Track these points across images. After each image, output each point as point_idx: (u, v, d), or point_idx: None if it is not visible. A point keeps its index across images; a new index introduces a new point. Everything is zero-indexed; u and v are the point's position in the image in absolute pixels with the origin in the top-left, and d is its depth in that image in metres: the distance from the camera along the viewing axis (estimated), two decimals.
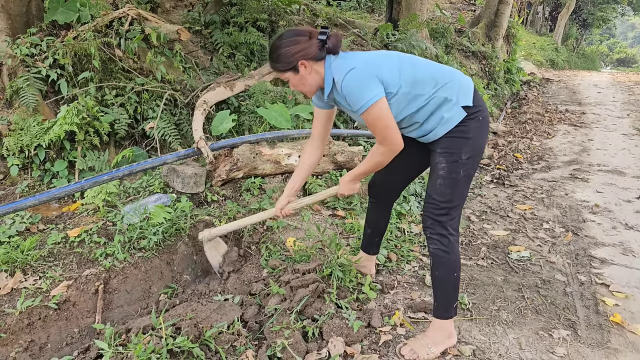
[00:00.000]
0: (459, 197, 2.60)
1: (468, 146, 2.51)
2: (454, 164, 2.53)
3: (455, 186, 2.55)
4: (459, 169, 2.53)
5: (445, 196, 2.57)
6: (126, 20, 5.04)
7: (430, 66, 2.57)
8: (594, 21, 30.95)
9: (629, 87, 15.33)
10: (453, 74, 2.56)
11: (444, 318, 2.68)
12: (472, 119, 2.50)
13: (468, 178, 2.59)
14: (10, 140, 4.17)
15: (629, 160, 7.14)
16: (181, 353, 2.49)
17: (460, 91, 2.50)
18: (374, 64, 2.45)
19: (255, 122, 5.20)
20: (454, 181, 2.55)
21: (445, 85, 2.48)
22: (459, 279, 2.66)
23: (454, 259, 2.62)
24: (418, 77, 2.47)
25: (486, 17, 13.05)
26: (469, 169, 2.56)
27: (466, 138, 2.50)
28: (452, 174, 2.54)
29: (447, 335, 2.70)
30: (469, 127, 2.50)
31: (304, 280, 3.09)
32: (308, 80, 2.56)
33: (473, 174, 2.62)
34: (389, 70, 2.44)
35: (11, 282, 2.99)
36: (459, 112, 2.48)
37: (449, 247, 2.61)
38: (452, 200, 2.58)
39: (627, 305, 3.33)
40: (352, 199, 4.66)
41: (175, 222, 3.67)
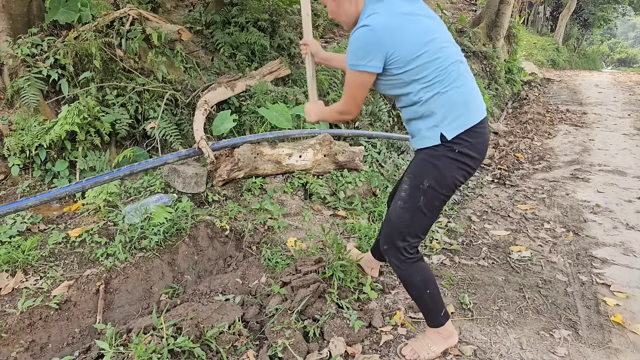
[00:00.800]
0: (420, 225, 2.45)
1: (432, 174, 2.33)
2: (415, 188, 2.38)
3: (414, 213, 2.40)
4: (419, 195, 2.37)
5: (403, 221, 2.44)
6: (127, 20, 5.04)
7: (451, 61, 2.29)
8: (595, 21, 30.90)
9: (630, 87, 15.31)
10: (464, 86, 2.32)
11: (437, 327, 2.68)
12: (446, 148, 2.29)
13: (430, 209, 2.40)
14: (11, 140, 4.17)
15: (630, 160, 7.14)
16: (182, 353, 2.49)
17: (452, 114, 2.27)
18: (394, 36, 2.17)
19: (256, 122, 5.20)
20: (413, 207, 2.39)
21: (444, 95, 2.26)
22: (434, 293, 2.58)
23: (420, 278, 2.53)
24: (429, 70, 2.22)
25: (487, 17, 13.04)
26: (432, 200, 2.37)
27: (433, 165, 2.32)
28: (413, 198, 2.39)
29: (446, 336, 2.70)
30: (438, 155, 2.31)
31: (304, 280, 3.09)
32: (345, 9, 2.40)
33: (438, 206, 2.41)
34: (405, 49, 2.19)
35: (12, 282, 2.99)
36: (436, 136, 2.29)
37: (409, 271, 2.53)
38: (411, 226, 2.43)
39: (628, 305, 3.32)
40: (353, 199, 4.66)
41: (176, 222, 3.67)
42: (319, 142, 4.73)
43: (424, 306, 2.66)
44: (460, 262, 3.92)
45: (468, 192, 5.83)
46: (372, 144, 5.81)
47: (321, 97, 5.74)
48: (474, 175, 2.44)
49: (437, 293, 2.61)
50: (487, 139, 2.40)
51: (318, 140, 4.74)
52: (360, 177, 4.90)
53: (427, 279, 2.55)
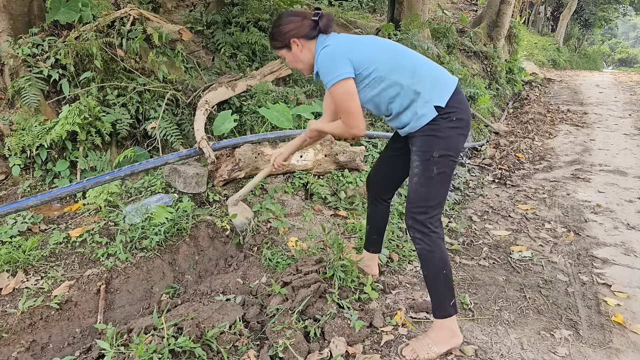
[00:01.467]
0: (436, 196, 2.62)
1: (439, 144, 2.54)
2: (427, 162, 2.57)
3: (429, 184, 2.59)
4: (431, 167, 2.56)
5: (422, 195, 2.61)
6: (128, 20, 5.04)
7: (414, 57, 2.64)
8: (595, 21, 30.92)
9: (630, 87, 15.31)
10: (433, 70, 2.61)
11: (443, 317, 2.67)
12: (444, 119, 2.54)
13: (443, 176, 2.60)
14: (12, 140, 4.17)
15: (631, 161, 7.14)
16: (183, 353, 2.50)
17: (435, 89, 2.54)
18: (350, 45, 2.57)
19: (257, 122, 5.20)
20: (428, 179, 2.58)
21: (422, 80, 2.54)
22: (449, 276, 2.66)
23: (439, 256, 2.63)
24: (398, 63, 2.56)
25: (488, 17, 13.04)
26: (443, 167, 2.57)
27: (437, 137, 2.54)
28: (426, 172, 2.57)
29: (449, 335, 2.68)
30: (440, 126, 2.54)
31: (305, 280, 3.09)
32: (300, 57, 2.73)
33: (449, 172, 2.62)
34: (362, 53, 2.55)
35: (13, 282, 2.99)
36: (430, 110, 2.53)
37: (432, 246, 2.62)
38: (429, 199, 2.60)
39: (629, 305, 3.32)
40: (354, 199, 4.66)
41: (177, 222, 3.67)
42: (319, 142, 4.73)
43: (437, 289, 2.67)
44: (461, 262, 3.92)
45: (469, 192, 5.83)
46: (372, 144, 5.81)
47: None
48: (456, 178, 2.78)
49: (451, 277, 2.68)
50: (466, 101, 2.68)
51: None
52: (361, 177, 4.90)
53: (446, 259, 2.65)
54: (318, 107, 5.50)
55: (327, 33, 2.67)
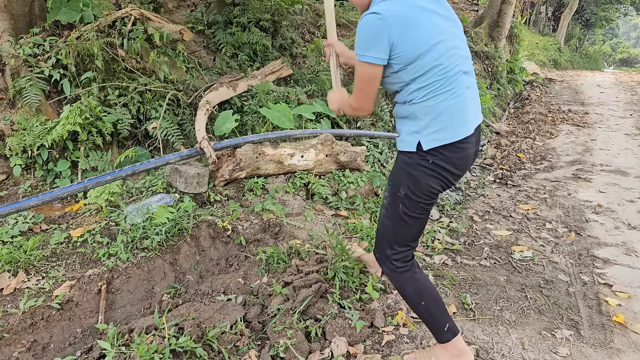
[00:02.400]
0: (404, 235, 2.38)
1: (407, 182, 2.27)
2: (394, 196, 2.33)
3: (397, 221, 2.35)
4: (398, 203, 2.31)
5: (388, 229, 2.40)
6: (129, 20, 5.04)
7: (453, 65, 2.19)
8: (596, 21, 30.88)
9: (631, 87, 15.29)
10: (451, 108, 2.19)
11: (442, 342, 2.54)
12: (420, 156, 2.23)
13: (411, 218, 2.33)
14: (13, 140, 4.17)
15: (632, 161, 7.13)
16: (184, 353, 2.50)
17: (429, 128, 2.19)
18: (402, 26, 2.07)
19: (258, 122, 5.20)
20: (394, 215, 2.34)
21: (429, 109, 2.18)
22: (431, 305, 2.45)
23: (412, 290, 2.45)
24: (431, 72, 2.14)
25: (489, 17, 13.03)
26: (411, 208, 2.30)
27: (407, 172, 2.27)
28: (393, 206, 2.34)
29: (455, 354, 2.53)
30: (412, 163, 2.25)
31: (306, 280, 3.09)
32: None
33: (419, 214, 2.33)
34: (407, 45, 2.09)
35: (14, 282, 2.99)
36: (412, 142, 2.24)
37: (399, 281, 2.46)
38: (396, 235, 2.38)
39: (630, 305, 3.32)
40: (355, 199, 4.66)
41: (178, 222, 3.67)
42: (320, 142, 4.73)
43: (422, 318, 2.53)
44: (462, 262, 3.92)
45: (470, 192, 5.83)
46: (374, 144, 5.81)
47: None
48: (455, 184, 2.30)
49: (435, 306, 2.46)
50: (469, 155, 2.29)
51: (320, 140, 4.74)
52: (362, 177, 4.90)
53: (421, 290, 2.45)
54: (319, 107, 5.50)
55: None
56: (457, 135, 2.20)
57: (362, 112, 2.33)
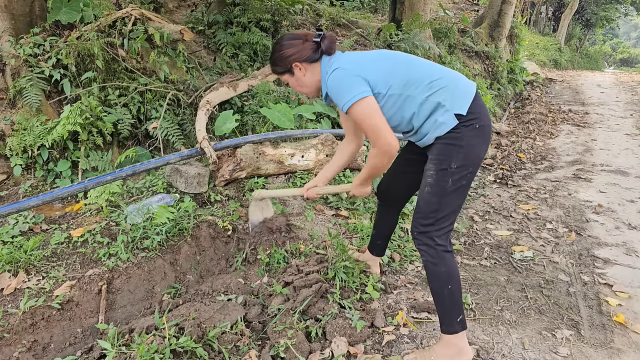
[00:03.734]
0: (448, 208, 2.47)
1: (459, 154, 2.40)
2: (443, 172, 2.43)
3: (442, 196, 2.44)
4: (447, 178, 2.42)
5: (432, 205, 2.47)
6: (129, 20, 5.05)
7: (428, 67, 2.50)
8: (597, 21, 30.88)
9: (632, 87, 15.29)
10: (450, 77, 2.46)
11: (449, 333, 2.54)
12: (466, 127, 2.39)
13: (459, 189, 2.45)
14: (13, 140, 4.17)
15: (632, 161, 7.13)
16: (184, 353, 2.50)
17: (455, 97, 2.40)
18: (361, 64, 2.45)
19: (259, 122, 5.20)
20: (441, 190, 2.44)
21: (440, 89, 2.40)
22: (456, 291, 2.51)
23: (445, 270, 2.49)
24: (412, 77, 2.42)
25: (489, 17, 13.03)
26: (460, 179, 2.43)
27: (458, 145, 2.40)
28: (440, 182, 2.43)
29: (455, 352, 2.55)
30: (462, 135, 2.39)
31: (307, 280, 3.09)
32: (304, 81, 2.65)
33: (466, 185, 2.48)
34: (376, 71, 2.43)
35: (14, 282, 2.99)
36: (451, 118, 2.39)
37: (436, 259, 2.49)
38: (439, 210, 2.46)
39: (631, 305, 3.32)
40: (355, 199, 4.66)
41: (179, 222, 3.67)
42: (321, 142, 4.73)
43: (441, 303, 2.54)
44: (462, 262, 3.92)
45: (470, 192, 5.83)
46: None
47: None
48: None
49: (459, 294, 2.52)
50: (485, 106, 2.52)
51: (320, 140, 4.74)
52: None
53: (452, 273, 2.50)
54: (319, 107, 5.50)
55: (331, 54, 2.56)
56: (471, 93, 2.45)
57: (391, 147, 2.41)
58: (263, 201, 3.69)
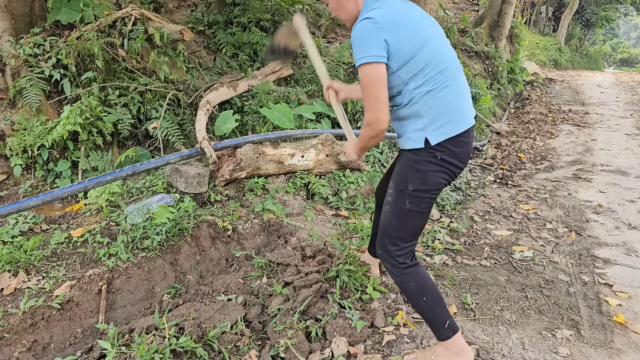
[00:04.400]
0: (407, 229, 2.41)
1: (417, 178, 2.31)
2: (401, 192, 2.36)
3: (400, 216, 2.38)
4: (404, 199, 2.35)
5: (392, 225, 2.42)
6: (129, 20, 5.05)
7: (449, 72, 2.29)
8: (597, 21, 30.87)
9: (632, 87, 15.28)
10: (452, 101, 2.28)
11: (442, 340, 2.54)
12: (428, 152, 2.28)
13: (418, 212, 2.37)
14: (13, 140, 4.17)
15: (632, 161, 7.13)
16: (184, 353, 2.50)
17: (435, 123, 2.25)
18: (396, 25, 2.17)
19: (259, 122, 5.20)
20: (399, 211, 2.38)
21: (432, 105, 2.24)
22: (432, 302, 2.47)
23: (414, 285, 2.45)
24: (427, 70, 2.22)
25: (489, 17, 13.03)
26: (419, 203, 2.35)
27: (415, 169, 2.32)
28: (398, 202, 2.37)
29: (456, 353, 2.54)
30: (421, 159, 2.30)
31: (307, 280, 3.09)
32: (346, 6, 2.40)
33: (426, 208, 2.39)
34: (402, 45, 2.17)
35: (14, 282, 2.99)
36: (419, 139, 2.27)
37: (402, 277, 2.46)
38: (399, 230, 2.40)
39: (631, 305, 3.32)
40: (355, 199, 4.66)
41: (179, 222, 3.67)
42: (321, 142, 4.73)
43: (423, 315, 2.54)
44: (462, 262, 3.91)
45: (470, 192, 5.83)
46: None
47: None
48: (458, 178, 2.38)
49: (437, 303, 2.48)
50: (470, 149, 2.38)
51: (320, 140, 4.74)
52: (362, 177, 4.89)
53: (423, 287, 2.46)
54: (320, 107, 5.49)
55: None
56: (460, 127, 2.29)
57: (381, 123, 2.22)
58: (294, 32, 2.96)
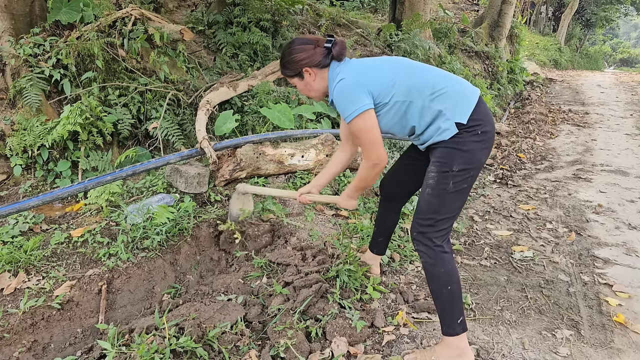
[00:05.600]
0: (448, 210, 2.50)
1: (461, 158, 2.43)
2: (444, 174, 2.45)
3: (443, 198, 2.47)
4: (448, 181, 2.45)
5: (432, 206, 2.49)
6: (129, 20, 5.05)
7: (431, 73, 2.53)
8: (597, 21, 30.89)
9: (632, 87, 15.29)
10: (453, 85, 2.49)
11: (449, 335, 2.54)
12: (468, 132, 2.43)
13: (459, 192, 2.48)
14: (13, 140, 4.17)
15: (632, 161, 7.13)
16: (184, 353, 2.49)
17: (456, 105, 2.43)
18: (365, 74, 2.49)
19: (259, 122, 5.20)
20: (442, 192, 2.46)
21: (442, 97, 2.44)
22: (455, 293, 2.51)
23: (444, 271, 2.49)
24: (415, 84, 2.46)
25: (489, 17, 13.03)
26: (461, 183, 2.46)
27: (460, 150, 2.43)
28: (441, 184, 2.46)
29: (457, 354, 2.54)
30: (464, 140, 2.43)
31: (307, 280, 3.09)
32: (313, 86, 2.68)
33: (467, 188, 2.51)
34: (379, 81, 2.47)
35: (14, 282, 2.99)
36: (452, 125, 2.42)
37: (434, 260, 2.50)
38: (439, 212, 2.49)
39: (631, 305, 3.32)
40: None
41: (179, 222, 3.67)
42: (321, 142, 4.73)
43: (440, 304, 2.55)
44: (462, 262, 3.91)
45: (470, 192, 5.82)
46: None
47: None
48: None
49: (458, 295, 2.52)
50: (490, 112, 2.55)
51: (320, 141, 4.74)
52: None
53: (451, 274, 2.51)
54: (320, 107, 5.50)
55: (341, 60, 2.60)
56: (473, 100, 2.47)
57: (381, 160, 2.55)
58: (245, 195, 3.68)
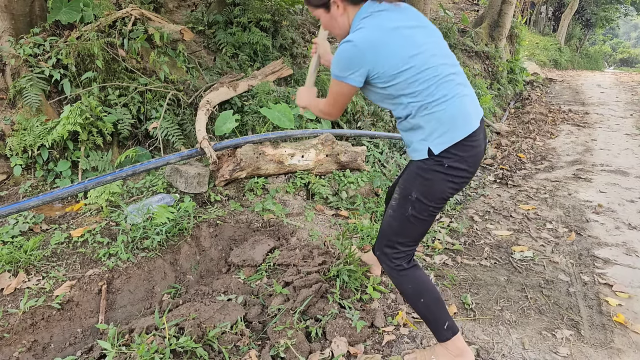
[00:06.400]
0: (407, 235, 2.41)
1: (422, 186, 2.29)
2: (405, 198, 2.35)
3: (403, 222, 2.38)
4: (407, 206, 2.34)
5: (392, 229, 2.43)
6: (129, 20, 5.04)
7: (438, 71, 2.21)
8: (597, 21, 30.88)
9: (632, 87, 15.29)
10: (456, 104, 2.22)
11: (442, 341, 2.54)
12: (435, 161, 2.24)
13: (420, 220, 2.36)
14: (13, 140, 4.17)
15: (632, 161, 7.13)
16: (184, 353, 2.50)
17: (436, 132, 2.21)
18: (377, 52, 2.14)
19: (259, 122, 5.20)
20: (401, 217, 2.38)
21: (432, 114, 2.20)
22: (430, 303, 2.46)
23: (411, 287, 2.46)
24: (417, 80, 2.18)
25: (489, 17, 13.03)
26: (421, 212, 2.33)
27: (422, 177, 2.29)
28: (401, 208, 2.37)
29: (456, 354, 2.53)
30: (427, 169, 2.27)
31: (307, 280, 3.09)
32: (338, 22, 2.37)
33: (427, 217, 2.36)
34: (387, 64, 2.16)
35: (14, 282, 2.99)
36: (423, 149, 2.26)
37: (398, 279, 2.47)
38: (399, 235, 2.41)
39: (631, 305, 3.32)
40: (355, 199, 4.66)
41: (179, 222, 3.67)
42: (321, 142, 4.73)
43: (422, 316, 2.54)
44: (462, 262, 3.91)
45: (470, 192, 5.83)
46: (374, 144, 5.81)
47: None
48: (468, 184, 2.36)
49: (435, 304, 2.48)
50: (479, 152, 2.32)
51: (320, 140, 4.74)
52: (362, 177, 4.90)
53: (420, 288, 2.47)
54: None
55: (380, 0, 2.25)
56: (464, 132, 2.22)
57: (329, 117, 2.51)
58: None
